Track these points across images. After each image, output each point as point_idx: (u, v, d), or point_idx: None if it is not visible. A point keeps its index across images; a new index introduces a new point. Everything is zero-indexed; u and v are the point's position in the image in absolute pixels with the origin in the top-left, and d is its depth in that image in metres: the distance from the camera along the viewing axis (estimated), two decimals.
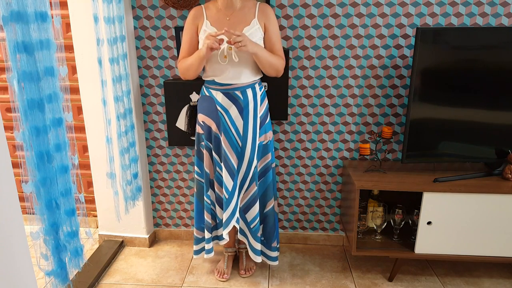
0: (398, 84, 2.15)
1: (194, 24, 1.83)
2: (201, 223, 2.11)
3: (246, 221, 2.05)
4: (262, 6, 1.83)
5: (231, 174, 1.91)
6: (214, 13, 1.81)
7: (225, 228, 1.95)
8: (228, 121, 1.87)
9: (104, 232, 2.49)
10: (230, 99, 1.85)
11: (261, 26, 1.81)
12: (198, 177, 2.05)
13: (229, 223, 1.94)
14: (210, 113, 1.89)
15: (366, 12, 2.05)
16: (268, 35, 1.83)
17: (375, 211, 2.11)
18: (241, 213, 2.03)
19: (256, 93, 1.89)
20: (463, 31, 1.88)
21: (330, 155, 2.31)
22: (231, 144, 1.89)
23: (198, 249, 2.17)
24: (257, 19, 1.80)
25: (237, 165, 1.92)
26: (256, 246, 2.07)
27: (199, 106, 1.95)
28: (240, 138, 1.89)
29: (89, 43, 2.06)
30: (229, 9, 1.79)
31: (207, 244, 2.08)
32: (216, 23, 1.79)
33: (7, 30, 1.13)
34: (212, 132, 1.91)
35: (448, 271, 2.21)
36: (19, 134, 1.22)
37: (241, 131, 1.88)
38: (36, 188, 1.28)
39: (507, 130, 1.97)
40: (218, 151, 1.93)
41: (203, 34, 1.79)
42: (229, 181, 1.91)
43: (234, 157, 1.90)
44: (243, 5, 1.81)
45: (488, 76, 1.91)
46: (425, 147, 2.02)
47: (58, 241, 1.39)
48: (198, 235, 2.14)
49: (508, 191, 1.86)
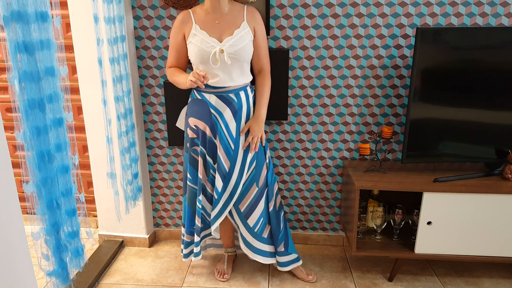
0: (398, 84, 2.15)
1: (181, 30, 1.82)
2: (191, 227, 2.08)
3: (248, 227, 2.02)
4: (250, 9, 1.84)
5: (222, 177, 1.92)
6: (203, 16, 1.80)
7: (213, 224, 1.98)
8: (222, 123, 1.87)
9: (104, 232, 2.49)
10: (224, 101, 1.85)
11: (250, 29, 1.82)
12: (191, 184, 2.01)
13: (216, 220, 1.97)
14: (202, 117, 1.88)
15: (366, 12, 2.05)
16: (257, 40, 1.84)
17: (375, 211, 2.11)
18: (243, 218, 2.02)
19: (248, 95, 1.90)
20: (463, 31, 1.88)
21: (330, 155, 2.31)
22: (224, 147, 1.89)
23: (187, 253, 2.14)
24: (246, 22, 1.81)
25: (229, 168, 1.91)
26: (262, 247, 2.05)
27: (190, 109, 1.93)
28: (233, 141, 1.89)
29: (89, 43, 2.06)
30: (218, 12, 1.79)
31: (196, 248, 2.06)
32: (206, 26, 1.79)
33: (7, 30, 1.13)
34: (206, 136, 1.90)
35: (448, 271, 2.21)
36: (20, 134, 1.22)
37: (234, 133, 1.89)
38: (37, 188, 1.28)
39: (507, 130, 1.97)
40: (212, 154, 1.92)
41: (193, 38, 1.79)
42: (219, 183, 1.92)
43: (227, 160, 1.90)
44: (231, 8, 1.82)
45: (488, 76, 1.91)
46: (425, 147, 2.02)
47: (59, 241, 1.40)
48: (187, 239, 2.11)
49: (508, 191, 1.87)
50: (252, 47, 1.84)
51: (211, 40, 1.76)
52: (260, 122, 1.90)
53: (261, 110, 1.91)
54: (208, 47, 1.75)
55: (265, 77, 1.92)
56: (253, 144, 1.90)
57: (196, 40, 1.78)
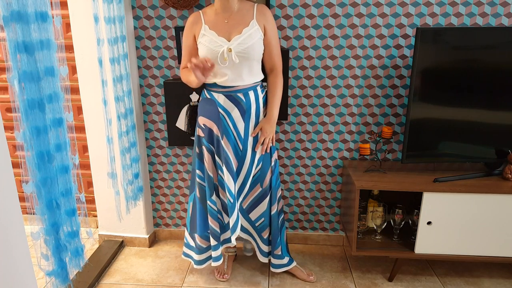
0: (398, 84, 2.15)
1: (191, 31, 1.83)
2: (205, 231, 2.02)
3: (250, 221, 2.04)
4: (260, 7, 1.82)
5: (232, 176, 1.90)
6: (212, 17, 1.81)
7: (233, 233, 1.93)
8: (230, 123, 1.86)
9: (104, 232, 2.49)
10: (232, 101, 1.84)
11: (260, 27, 1.80)
12: (200, 181, 1.98)
13: (236, 228, 1.92)
14: (211, 116, 1.87)
15: (366, 12, 2.05)
16: (267, 38, 1.83)
17: (375, 211, 2.11)
18: (245, 214, 2.02)
19: (258, 95, 1.88)
20: (463, 31, 1.88)
21: (330, 155, 2.31)
22: (232, 147, 1.88)
23: (202, 259, 2.06)
24: (255, 20, 1.79)
25: (237, 168, 1.91)
26: (263, 247, 2.06)
27: (200, 109, 1.92)
28: (241, 141, 1.89)
29: (89, 43, 2.06)
30: (227, 11, 1.79)
31: (214, 252, 2.01)
32: (215, 26, 1.79)
33: (7, 30, 1.13)
34: (214, 135, 1.89)
35: (448, 271, 2.21)
36: (20, 134, 1.22)
37: (242, 133, 1.88)
38: (37, 188, 1.28)
39: (507, 130, 1.97)
40: (219, 154, 1.90)
41: (202, 38, 1.79)
42: (231, 183, 1.90)
43: (235, 160, 1.90)
44: (241, 7, 1.81)
45: (488, 76, 1.91)
46: (425, 147, 2.02)
47: (58, 241, 1.39)
48: (202, 245, 2.04)
49: (508, 191, 1.86)
50: (261, 45, 1.82)
51: (219, 40, 1.76)
52: (272, 123, 1.90)
53: (273, 111, 1.90)
54: (216, 46, 1.75)
55: (277, 76, 1.90)
56: (264, 145, 1.90)
57: (205, 40, 1.78)
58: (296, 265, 2.16)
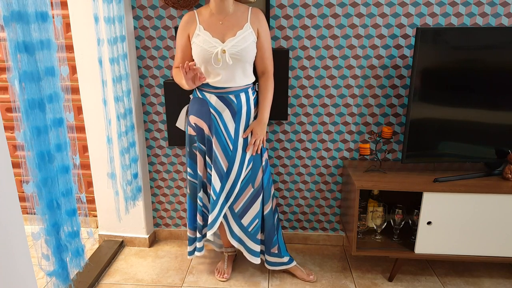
0: (398, 84, 2.15)
1: (185, 30, 1.84)
2: (194, 223, 2.11)
3: (242, 227, 2.03)
4: (254, 11, 1.84)
5: (220, 177, 1.92)
6: (207, 17, 1.82)
7: (210, 229, 1.98)
8: (221, 124, 1.88)
9: (104, 232, 2.49)
10: (224, 102, 1.86)
11: (254, 30, 1.82)
12: (191, 178, 2.05)
13: (213, 225, 1.97)
14: (202, 115, 1.89)
15: (366, 12, 2.05)
16: (260, 41, 1.85)
17: (375, 211, 2.11)
18: (237, 219, 2.03)
19: (249, 97, 1.90)
20: (463, 31, 1.88)
21: (330, 155, 2.31)
22: (222, 147, 1.89)
23: (191, 250, 2.17)
24: (250, 23, 1.81)
25: (227, 168, 1.92)
26: (254, 247, 2.06)
27: (191, 107, 1.95)
28: (232, 142, 1.90)
29: (89, 43, 2.06)
30: (222, 13, 1.80)
31: (198, 243, 2.11)
32: (209, 27, 1.80)
33: (7, 30, 1.13)
34: (204, 135, 1.92)
35: (448, 271, 2.21)
36: (20, 134, 1.22)
37: (232, 134, 1.89)
38: (37, 188, 1.28)
39: (507, 130, 1.97)
40: (210, 153, 1.94)
41: (196, 38, 1.80)
42: (217, 183, 1.92)
43: (225, 161, 1.91)
44: (236, 9, 1.82)
45: (488, 76, 1.91)
46: (425, 147, 2.02)
47: (59, 241, 1.39)
48: (191, 235, 2.14)
49: (508, 191, 1.87)
50: (255, 48, 1.84)
51: (213, 41, 1.77)
52: (263, 125, 1.92)
53: (264, 114, 1.92)
54: (210, 47, 1.76)
55: (268, 79, 1.93)
56: (255, 146, 1.92)
57: (199, 40, 1.79)
58: (296, 264, 2.16)
